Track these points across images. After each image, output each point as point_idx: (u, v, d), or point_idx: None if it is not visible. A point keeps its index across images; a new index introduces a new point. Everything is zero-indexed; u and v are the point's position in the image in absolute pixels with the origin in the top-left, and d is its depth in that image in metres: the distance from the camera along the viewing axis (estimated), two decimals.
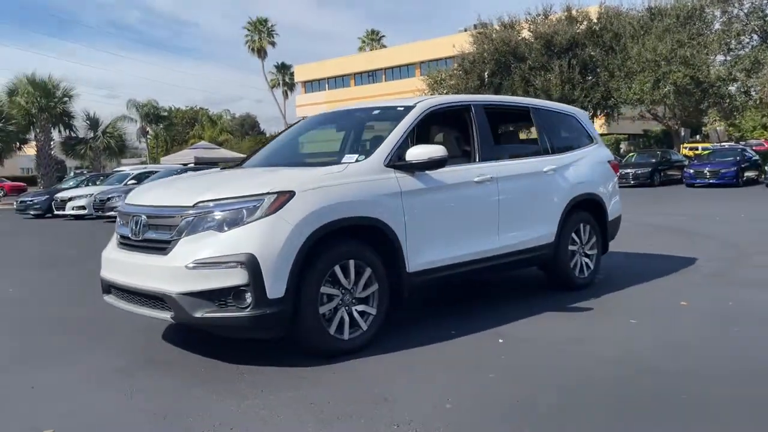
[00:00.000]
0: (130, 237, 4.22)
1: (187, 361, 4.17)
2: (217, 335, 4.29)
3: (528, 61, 31.54)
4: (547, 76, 30.83)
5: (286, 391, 3.53)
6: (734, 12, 28.11)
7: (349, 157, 4.49)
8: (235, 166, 5.45)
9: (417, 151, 4.41)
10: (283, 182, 3.96)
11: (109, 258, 4.42)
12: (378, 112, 5.40)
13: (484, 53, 32.80)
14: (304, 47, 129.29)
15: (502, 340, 4.37)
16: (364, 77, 60.15)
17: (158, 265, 3.88)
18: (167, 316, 3.84)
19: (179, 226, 3.89)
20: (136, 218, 4.19)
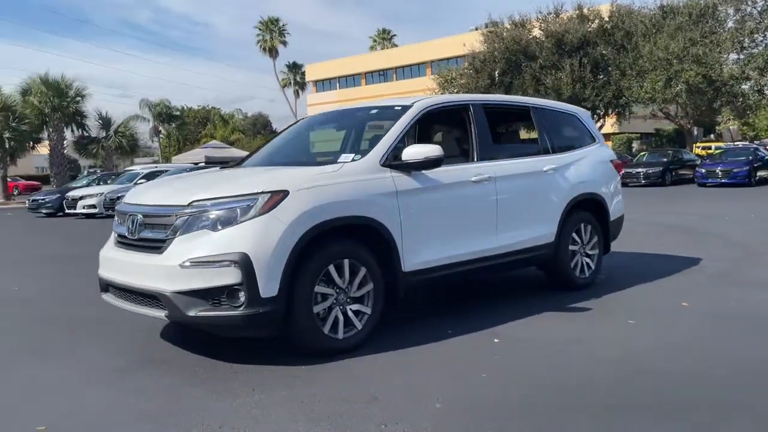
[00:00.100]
0: (127, 236, 4.25)
1: (184, 360, 4.19)
2: (216, 334, 4.31)
3: (539, 60, 31.41)
4: (558, 75, 30.69)
5: (279, 390, 3.54)
6: (747, 10, 27.87)
7: (345, 157, 4.49)
8: (236, 165, 5.47)
9: (413, 151, 4.41)
10: (277, 182, 3.97)
11: (107, 257, 4.46)
12: (376, 112, 5.40)
13: (495, 52, 32.71)
14: (316, 47, 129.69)
15: (498, 340, 4.36)
16: (375, 76, 60.19)
17: (153, 264, 3.90)
18: (162, 315, 3.87)
19: (174, 225, 3.91)
20: (132, 217, 4.23)
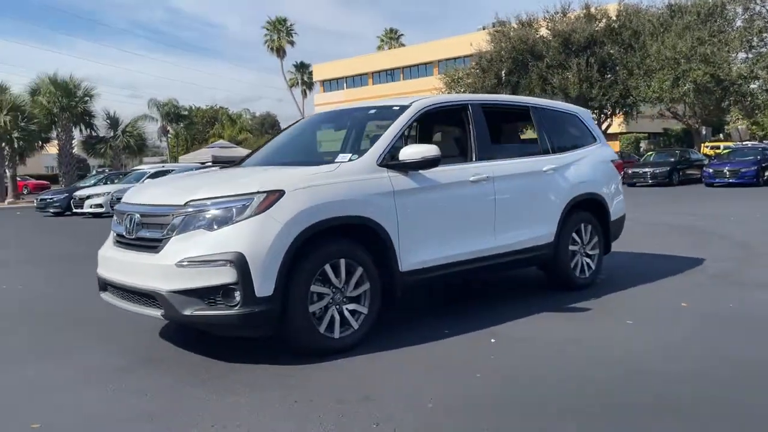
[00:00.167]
0: (125, 235, 4.28)
1: (183, 359, 4.21)
2: (215, 333, 4.33)
3: (546, 60, 31.34)
4: (565, 74, 30.61)
5: (273, 389, 3.56)
6: (756, 9, 27.72)
7: (342, 157, 4.50)
8: (235, 164, 5.49)
9: (410, 151, 4.41)
10: (273, 182, 3.98)
11: (106, 256, 4.48)
12: (374, 112, 5.41)
13: (502, 51, 32.66)
14: (323, 47, 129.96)
15: (494, 340, 4.36)
16: (382, 76, 60.20)
17: (150, 263, 3.93)
18: (158, 314, 3.89)
19: (170, 225, 3.93)
20: (130, 216, 4.25)
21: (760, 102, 28.89)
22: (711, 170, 22.15)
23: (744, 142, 34.39)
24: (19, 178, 36.81)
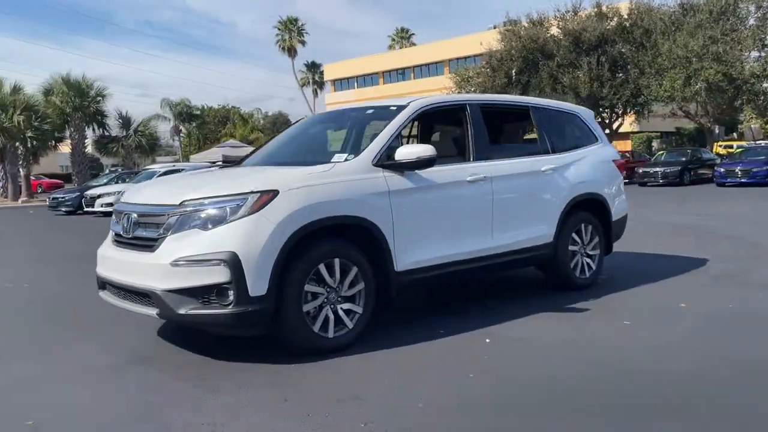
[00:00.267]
0: (122, 234, 4.33)
1: (178, 357, 4.25)
2: (212, 332, 4.36)
3: (556, 59, 31.16)
4: (576, 73, 30.41)
5: (266, 388, 3.58)
6: None
7: (338, 157, 4.51)
8: (234, 164, 5.52)
9: (405, 151, 4.43)
10: (267, 181, 4.01)
11: (104, 255, 4.53)
12: (372, 112, 5.42)
13: (512, 51, 32.53)
14: (335, 46, 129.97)
15: (489, 340, 4.36)
16: (393, 75, 60.16)
17: (145, 262, 3.97)
18: (153, 313, 3.93)
19: (166, 224, 3.97)
20: (127, 216, 4.30)
21: None
22: (722, 170, 21.95)
23: (757, 142, 34.10)
24: (33, 177, 37.18)
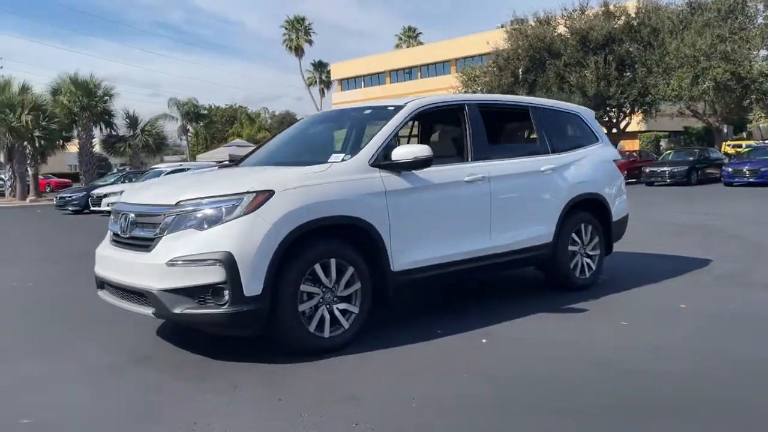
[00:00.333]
0: (120, 234, 4.35)
1: (176, 357, 4.26)
2: (209, 332, 4.38)
3: (563, 58, 31.06)
4: (583, 72, 30.31)
5: (260, 388, 3.59)
6: None
7: (335, 157, 4.51)
8: (233, 164, 5.53)
9: (402, 151, 4.43)
10: (263, 182, 4.02)
11: (102, 255, 4.56)
12: (369, 112, 5.42)
13: (519, 50, 32.45)
14: (342, 45, 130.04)
15: (486, 341, 4.35)
16: (399, 74, 60.16)
17: (142, 262, 3.99)
18: (149, 312, 3.94)
19: (162, 224, 3.99)
20: (125, 216, 4.32)
21: None
22: (730, 169, 21.80)
23: (765, 141, 33.86)
24: (41, 177, 37.36)
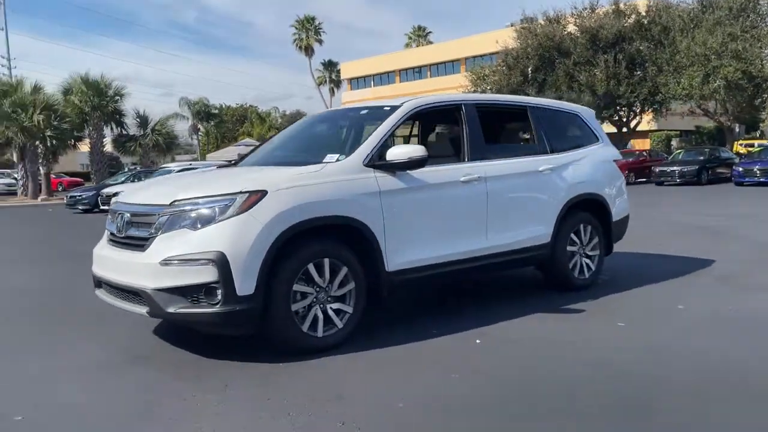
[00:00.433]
0: (116, 234, 4.39)
1: (170, 356, 4.29)
2: (202, 331, 4.40)
3: (573, 56, 30.96)
4: (593, 71, 30.20)
5: (250, 387, 3.61)
6: None
7: (330, 157, 4.52)
8: (232, 164, 5.56)
9: (397, 151, 4.43)
10: (256, 182, 4.04)
11: (100, 254, 4.60)
12: (366, 112, 5.41)
13: (528, 48, 32.36)
14: (352, 44, 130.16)
15: (480, 341, 4.35)
16: (409, 74, 60.14)
17: (137, 262, 4.02)
18: (144, 311, 3.98)
19: (156, 224, 4.02)
20: (121, 215, 4.36)
21: None
22: (741, 169, 21.63)
23: None
24: (54, 176, 37.67)
